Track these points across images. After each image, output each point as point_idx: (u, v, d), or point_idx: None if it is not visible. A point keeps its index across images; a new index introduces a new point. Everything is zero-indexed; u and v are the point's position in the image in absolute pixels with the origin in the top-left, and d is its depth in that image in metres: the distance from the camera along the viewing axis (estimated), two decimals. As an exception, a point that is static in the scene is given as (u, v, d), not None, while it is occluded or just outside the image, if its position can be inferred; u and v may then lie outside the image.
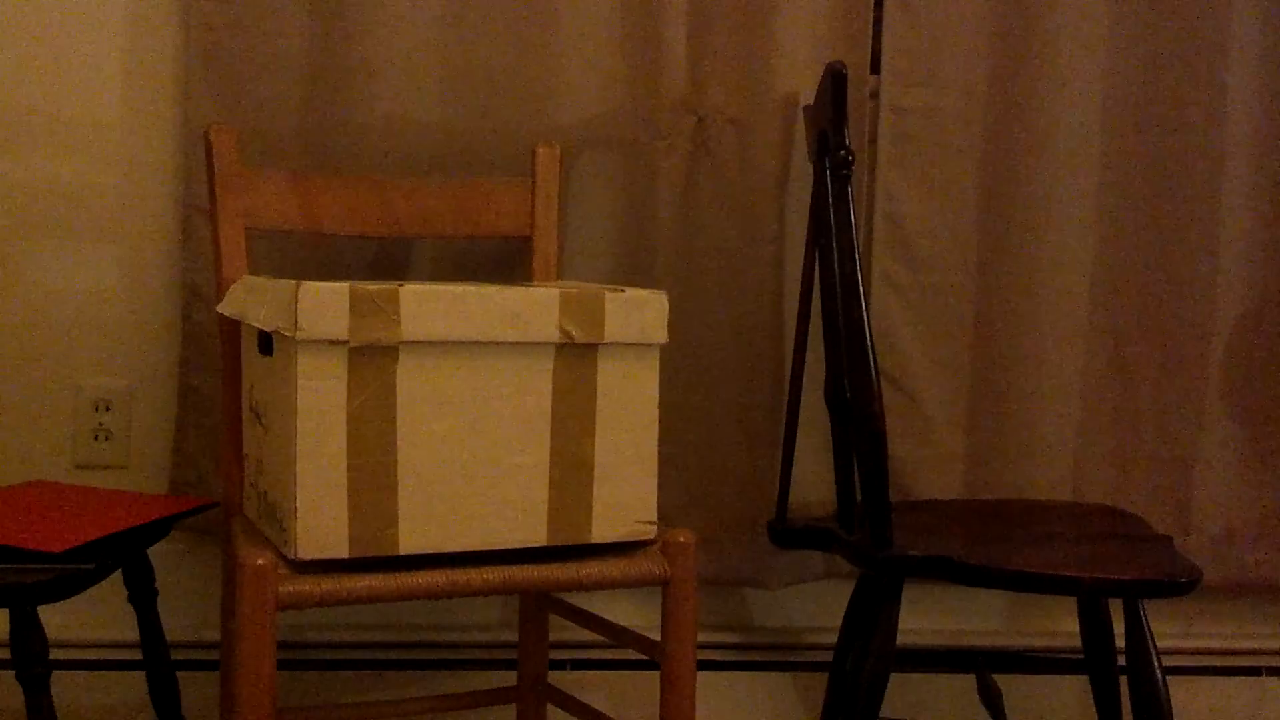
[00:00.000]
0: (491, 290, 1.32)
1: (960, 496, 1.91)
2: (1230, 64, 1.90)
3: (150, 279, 1.83)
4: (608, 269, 1.86)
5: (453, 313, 1.30)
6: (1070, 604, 1.96)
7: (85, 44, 1.80)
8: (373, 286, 1.27)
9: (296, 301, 1.24)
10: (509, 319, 1.32)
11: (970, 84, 1.88)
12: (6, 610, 1.32)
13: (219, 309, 1.53)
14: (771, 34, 1.81)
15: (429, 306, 1.29)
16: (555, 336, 1.33)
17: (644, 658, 1.48)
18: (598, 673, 1.93)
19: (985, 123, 1.89)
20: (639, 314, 1.38)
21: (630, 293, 1.38)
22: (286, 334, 1.25)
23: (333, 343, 1.26)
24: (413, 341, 1.29)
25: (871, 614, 1.52)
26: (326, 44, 1.77)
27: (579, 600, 1.69)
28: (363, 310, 1.26)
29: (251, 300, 1.40)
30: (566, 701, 1.65)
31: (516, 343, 1.33)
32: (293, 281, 1.26)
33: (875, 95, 1.89)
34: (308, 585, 1.25)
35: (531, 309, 1.33)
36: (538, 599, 1.72)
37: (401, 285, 1.28)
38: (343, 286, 1.26)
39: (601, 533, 1.38)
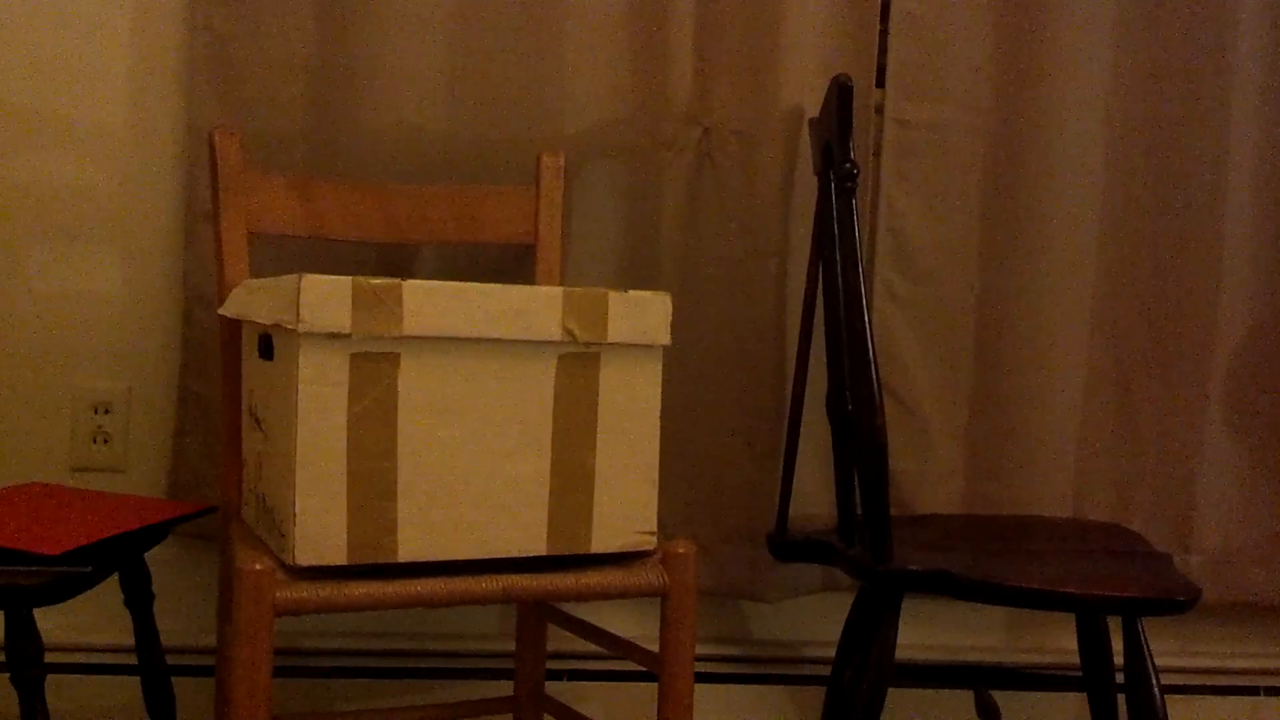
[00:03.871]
0: (495, 288, 1.31)
1: (960, 511, 1.91)
2: (1234, 79, 1.91)
3: (151, 282, 1.83)
4: (611, 278, 1.86)
5: (456, 308, 1.29)
6: (1069, 621, 1.96)
7: (89, 46, 1.80)
8: (376, 281, 1.26)
9: (299, 294, 1.23)
10: (512, 316, 1.31)
11: (974, 98, 1.88)
12: (2, 612, 1.31)
13: (221, 311, 1.52)
14: (778, 46, 1.81)
15: (432, 302, 1.28)
16: (558, 335, 1.33)
17: (641, 669, 1.48)
18: (595, 683, 1.92)
19: (989, 137, 1.89)
20: (642, 314, 1.38)
21: (634, 293, 1.37)
22: (289, 327, 1.25)
23: (334, 336, 1.25)
24: (415, 339, 1.28)
25: (870, 628, 1.51)
26: (332, 48, 1.77)
27: (577, 610, 1.69)
28: (366, 304, 1.25)
29: (254, 299, 1.39)
30: (563, 712, 1.65)
31: (519, 341, 1.32)
32: (295, 275, 1.26)
33: (880, 109, 1.89)
34: (305, 591, 1.25)
35: (535, 307, 1.32)
36: (536, 608, 1.72)
37: (405, 280, 1.28)
38: (345, 280, 1.25)
39: (601, 543, 1.38)
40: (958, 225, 1.89)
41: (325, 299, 1.24)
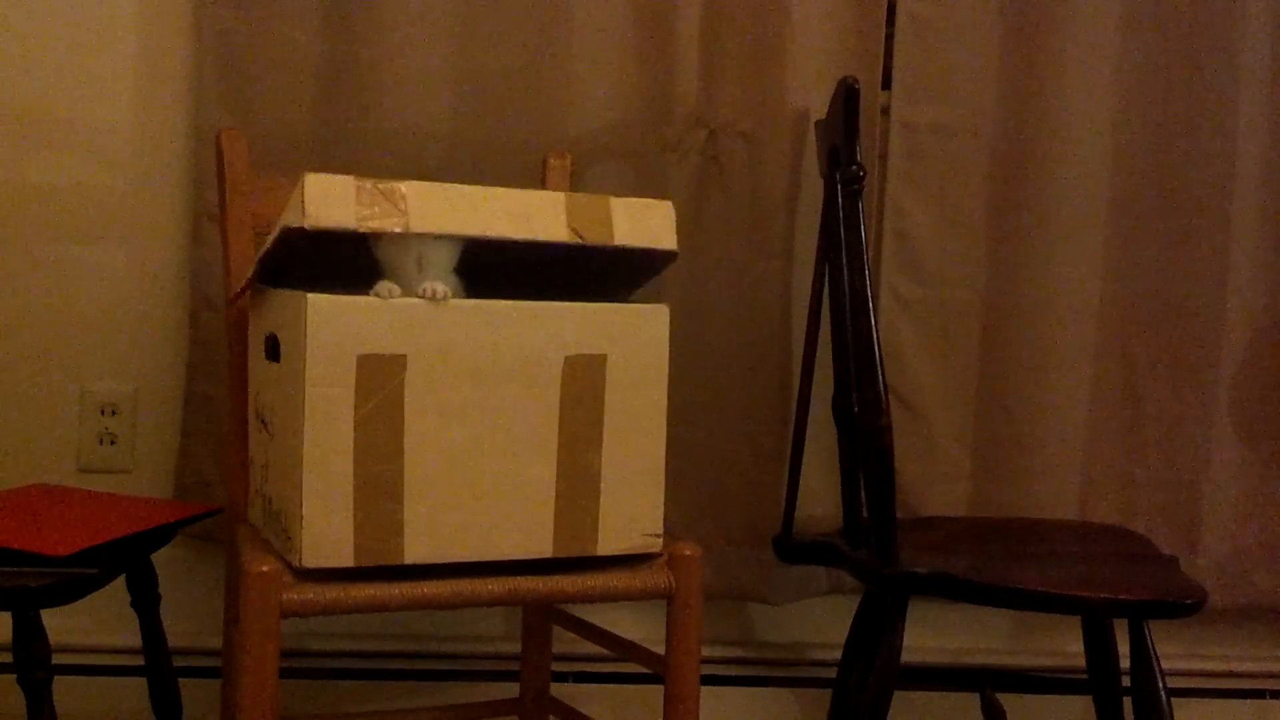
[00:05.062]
0: (498, 189, 1.31)
1: (966, 514, 1.90)
2: (1240, 84, 1.90)
3: (158, 283, 1.83)
4: (616, 280, 1.86)
5: (459, 207, 1.29)
6: (1075, 623, 1.95)
7: (97, 48, 1.80)
8: (379, 181, 1.27)
9: (303, 191, 1.23)
10: (516, 218, 1.31)
11: (981, 101, 1.88)
12: (9, 614, 1.31)
13: (238, 288, 1.52)
14: (784, 48, 1.81)
15: (435, 201, 1.28)
16: (565, 235, 1.32)
17: (647, 671, 1.47)
18: (601, 685, 1.92)
19: (995, 140, 1.89)
20: (647, 217, 1.37)
21: (636, 199, 1.37)
22: (295, 225, 1.24)
23: (343, 239, 1.24)
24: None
25: (876, 630, 1.51)
26: (339, 50, 1.77)
27: (582, 612, 1.69)
28: (368, 201, 1.25)
29: (265, 243, 1.39)
30: (569, 714, 1.65)
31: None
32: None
33: (886, 111, 1.89)
34: (312, 593, 1.25)
35: (539, 208, 1.32)
36: (541, 611, 1.72)
37: (407, 180, 1.28)
38: (348, 177, 1.25)
39: (607, 545, 1.38)
40: (964, 228, 1.89)
41: (329, 195, 1.24)
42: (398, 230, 1.26)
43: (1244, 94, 1.91)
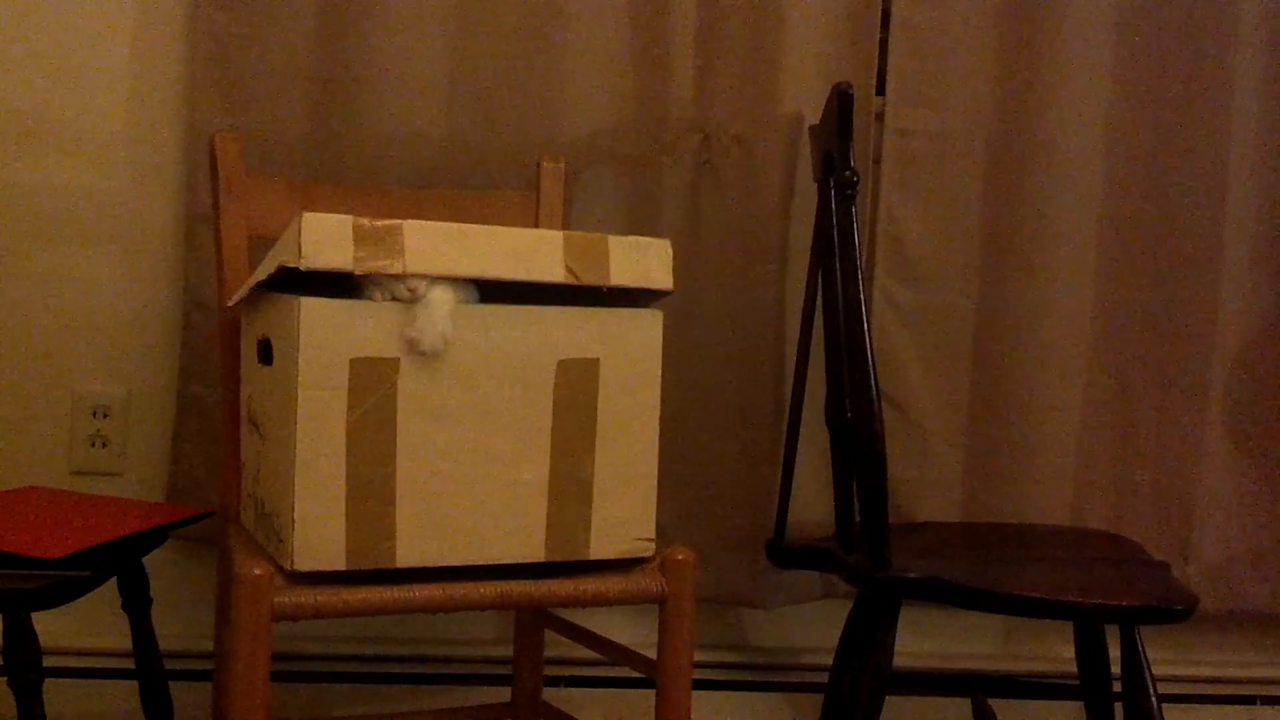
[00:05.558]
0: (496, 228, 1.31)
1: (959, 519, 1.90)
2: (1235, 90, 1.91)
3: (151, 286, 1.83)
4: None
5: (456, 247, 1.28)
6: (1066, 629, 1.95)
7: (92, 50, 1.80)
8: (377, 220, 1.26)
9: (300, 232, 1.23)
10: (513, 257, 1.30)
11: (974, 107, 1.88)
12: (0, 616, 1.31)
13: (231, 302, 1.52)
14: (778, 53, 1.81)
15: (433, 240, 1.27)
16: (561, 276, 1.32)
17: (640, 675, 1.47)
18: (593, 689, 1.92)
19: (989, 145, 1.89)
20: (644, 257, 1.37)
21: (633, 237, 1.37)
22: (290, 265, 1.24)
23: (337, 273, 1.24)
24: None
25: (868, 635, 1.52)
26: (333, 54, 1.77)
27: (575, 616, 1.69)
28: (366, 241, 1.25)
29: (259, 269, 1.38)
30: (561, 718, 1.65)
31: (522, 274, 1.31)
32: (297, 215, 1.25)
33: (880, 116, 1.89)
34: (304, 596, 1.25)
35: (536, 247, 1.32)
36: (534, 614, 1.71)
37: (405, 220, 1.28)
38: (345, 217, 1.25)
39: (599, 549, 1.37)
40: (957, 233, 1.89)
41: (326, 236, 1.24)
42: (395, 272, 1.26)
43: (1238, 101, 1.91)
